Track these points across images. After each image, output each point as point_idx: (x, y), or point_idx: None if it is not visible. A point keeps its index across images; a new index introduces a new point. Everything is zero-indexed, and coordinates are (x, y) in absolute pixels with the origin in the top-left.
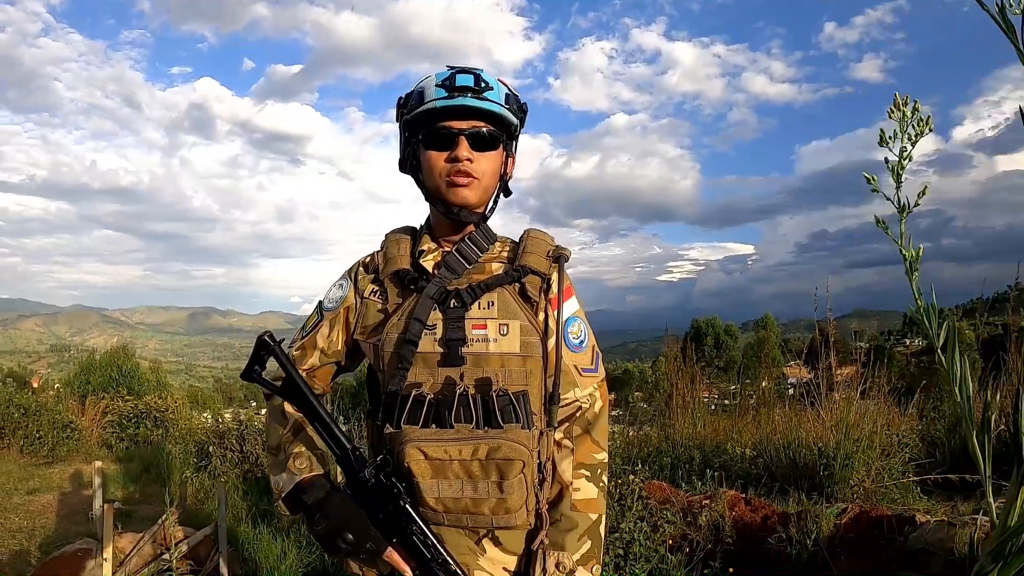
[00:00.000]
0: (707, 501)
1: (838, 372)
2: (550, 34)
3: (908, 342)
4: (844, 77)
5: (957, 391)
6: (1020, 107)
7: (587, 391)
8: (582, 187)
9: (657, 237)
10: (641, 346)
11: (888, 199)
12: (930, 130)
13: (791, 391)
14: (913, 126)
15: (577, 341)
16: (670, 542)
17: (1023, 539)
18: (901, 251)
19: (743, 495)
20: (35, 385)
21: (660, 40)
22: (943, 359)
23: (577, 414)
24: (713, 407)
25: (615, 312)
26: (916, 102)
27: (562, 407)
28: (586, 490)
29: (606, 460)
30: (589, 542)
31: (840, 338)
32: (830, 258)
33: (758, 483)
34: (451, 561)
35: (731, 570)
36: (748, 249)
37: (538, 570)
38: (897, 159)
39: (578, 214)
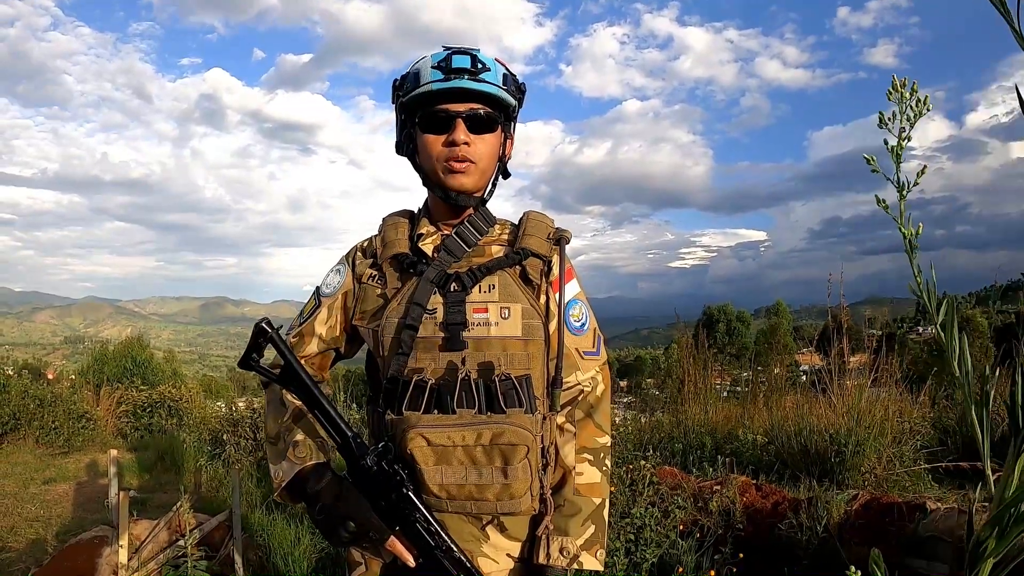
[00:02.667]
0: (718, 487)
1: (850, 359)
2: (561, 20)
3: (920, 329)
4: (858, 62)
5: (956, 365)
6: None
7: (589, 374)
8: (594, 174)
9: (669, 224)
10: (653, 333)
11: (888, 179)
12: (928, 109)
13: (803, 378)
14: (911, 107)
15: (578, 324)
16: (681, 527)
17: (1021, 509)
18: (900, 229)
19: (754, 481)
20: (50, 377)
21: (672, 25)
22: (942, 335)
23: (579, 397)
24: (725, 394)
25: (627, 299)
26: (915, 83)
27: (564, 391)
28: (589, 474)
29: (609, 444)
30: (593, 527)
31: (853, 325)
32: (843, 245)
33: (769, 469)
34: (455, 548)
35: (741, 555)
36: (760, 235)
37: (542, 556)
38: (896, 140)
39: (590, 201)
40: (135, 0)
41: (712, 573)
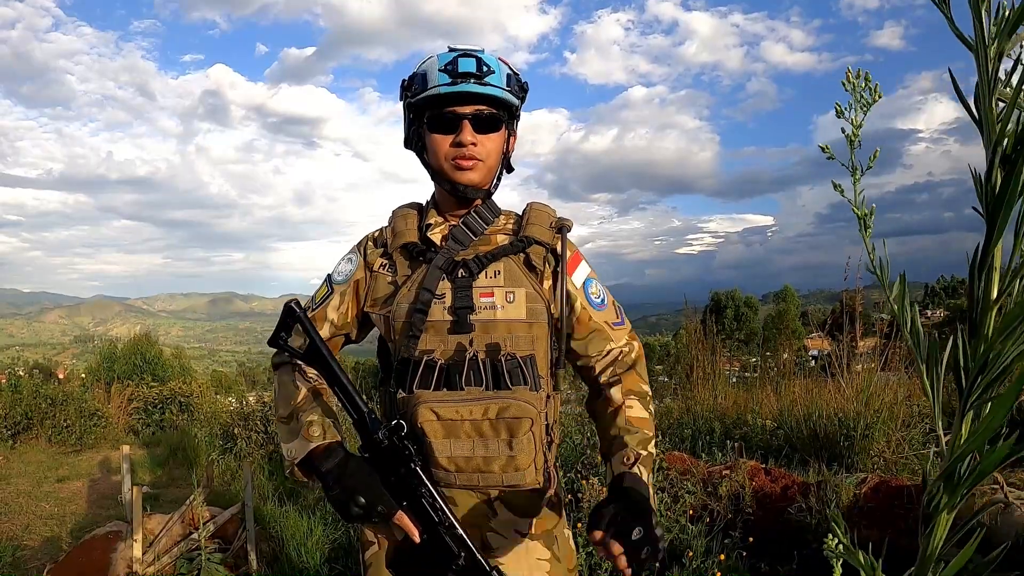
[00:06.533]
0: (727, 472)
1: (860, 343)
2: (566, 7)
3: (930, 313)
4: (864, 45)
5: (908, 334)
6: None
7: (622, 341)
8: (600, 161)
9: (676, 210)
10: (661, 319)
11: (843, 165)
12: (879, 97)
13: (812, 363)
14: (864, 96)
15: (599, 300)
16: (691, 512)
17: (970, 463)
18: (853, 209)
19: (763, 466)
20: (61, 376)
21: (677, 10)
22: (895, 308)
23: (619, 358)
24: (734, 379)
25: (634, 286)
26: (867, 73)
27: (602, 358)
28: (638, 409)
29: (651, 393)
30: (645, 452)
31: (862, 309)
32: (850, 229)
33: (778, 454)
34: (457, 525)
35: (751, 539)
36: (768, 220)
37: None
38: (851, 128)
39: (596, 188)
40: None
41: (722, 557)
